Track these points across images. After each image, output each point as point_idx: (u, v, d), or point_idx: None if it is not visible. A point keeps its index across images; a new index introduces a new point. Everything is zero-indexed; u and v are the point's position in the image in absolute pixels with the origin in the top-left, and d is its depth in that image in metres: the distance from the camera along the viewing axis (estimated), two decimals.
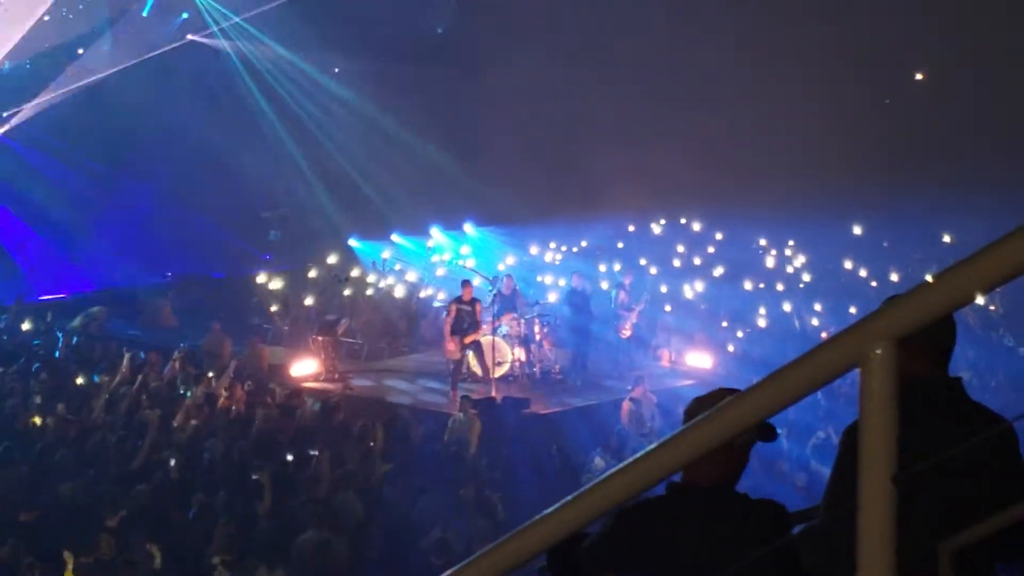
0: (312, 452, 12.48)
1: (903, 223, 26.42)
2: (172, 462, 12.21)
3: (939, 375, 3.49)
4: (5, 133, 25.98)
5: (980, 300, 17.32)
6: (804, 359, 1.61)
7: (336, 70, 28.51)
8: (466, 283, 18.39)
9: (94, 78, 25.83)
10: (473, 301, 17.95)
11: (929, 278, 1.63)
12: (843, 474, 3.42)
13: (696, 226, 28.91)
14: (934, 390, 3.41)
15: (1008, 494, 3.03)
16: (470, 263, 24.69)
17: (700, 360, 19.47)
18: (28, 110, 25.95)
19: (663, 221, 29.47)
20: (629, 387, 16.16)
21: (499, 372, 17.99)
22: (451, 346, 17.81)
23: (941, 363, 3.50)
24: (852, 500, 1.61)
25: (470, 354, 18.11)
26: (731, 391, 2.11)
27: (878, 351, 1.56)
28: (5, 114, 25.77)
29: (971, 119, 26.50)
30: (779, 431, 3.31)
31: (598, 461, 13.18)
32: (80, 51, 27.01)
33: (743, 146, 26.70)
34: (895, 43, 27.24)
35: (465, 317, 17.78)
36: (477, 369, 17.98)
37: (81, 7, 27.41)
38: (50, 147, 25.80)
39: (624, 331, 19.97)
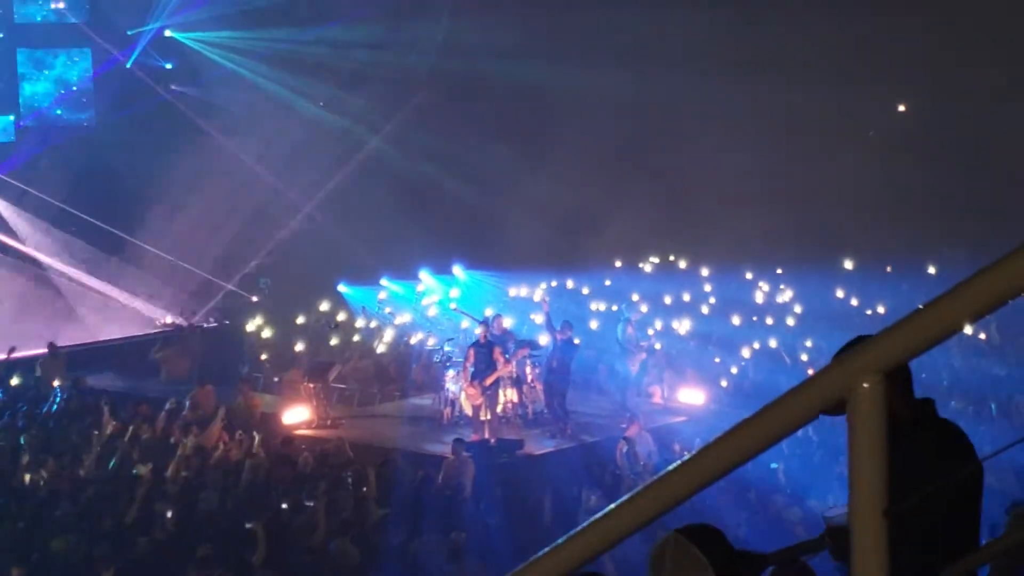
0: (308, 503, 12.40)
1: (891, 253, 26.55)
2: (169, 514, 12.12)
3: (912, 400, 3.56)
4: None
5: (968, 330, 17.39)
6: (791, 395, 1.62)
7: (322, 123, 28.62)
8: (483, 324, 18.17)
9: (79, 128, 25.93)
10: (490, 343, 17.53)
11: (918, 308, 1.63)
12: None
13: (683, 263, 28.99)
14: (911, 416, 3.47)
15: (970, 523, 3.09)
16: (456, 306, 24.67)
17: (692, 396, 19.43)
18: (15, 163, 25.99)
19: (652, 259, 29.54)
20: (623, 425, 16.13)
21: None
22: (471, 391, 17.50)
23: (909, 390, 3.56)
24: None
25: (462, 395, 18.01)
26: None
27: (865, 385, 1.57)
28: None
29: (955, 149, 26.69)
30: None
31: (593, 501, 13.13)
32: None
33: (728, 181, 26.83)
34: (877, 75, 27.48)
35: (481, 360, 17.35)
36: (469, 411, 17.86)
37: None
38: (35, 199, 25.82)
39: (634, 366, 20.06)
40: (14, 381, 19.74)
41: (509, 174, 27.02)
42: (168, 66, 28.15)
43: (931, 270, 25.60)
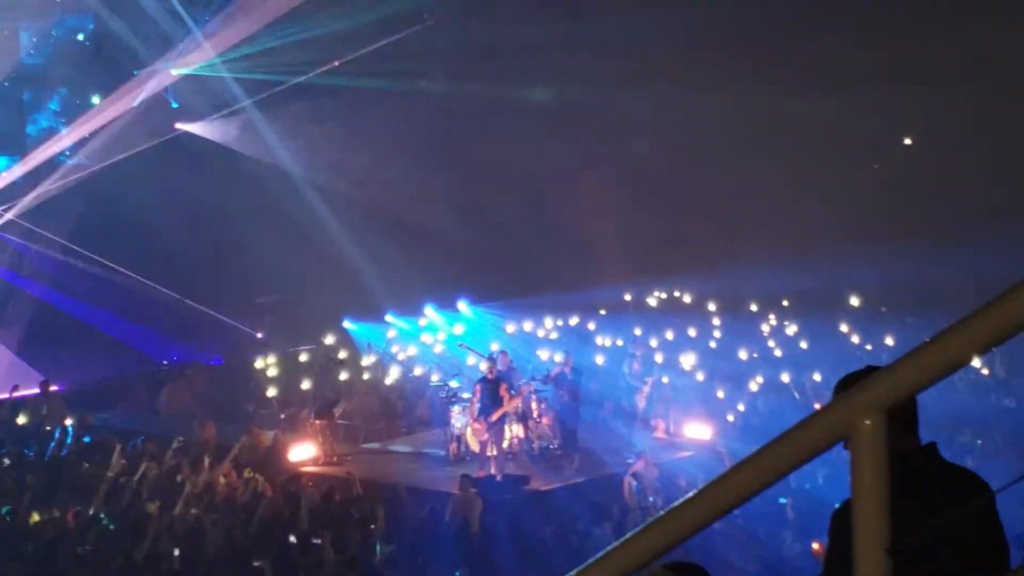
0: (315, 540, 12.37)
1: (896, 287, 26.48)
2: (176, 552, 12.08)
3: (914, 443, 3.53)
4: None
5: (977, 363, 17.32)
6: (793, 432, 1.63)
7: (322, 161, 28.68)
8: (490, 359, 18.17)
9: (87, 171, 26.05)
10: (496, 379, 17.44)
11: (921, 344, 1.64)
12: (836, 554, 3.45)
13: (687, 298, 28.98)
14: (913, 459, 3.45)
15: (994, 557, 3.08)
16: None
17: (699, 431, 19.34)
18: (22, 203, 26.09)
19: (657, 294, 29.54)
20: (630, 460, 16.08)
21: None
22: (477, 425, 17.44)
23: (913, 431, 3.53)
24: (848, 573, 1.62)
25: (468, 431, 17.97)
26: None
27: (867, 422, 1.58)
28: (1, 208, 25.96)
29: (961, 181, 26.63)
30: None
31: (601, 536, 13.07)
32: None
33: (735, 214, 26.87)
34: (882, 108, 27.50)
35: (487, 395, 17.27)
36: (475, 446, 17.81)
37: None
38: (42, 238, 25.93)
39: (640, 400, 20.06)
40: (21, 420, 19.71)
41: (515, 209, 27.05)
42: (174, 105, 28.26)
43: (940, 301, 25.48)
